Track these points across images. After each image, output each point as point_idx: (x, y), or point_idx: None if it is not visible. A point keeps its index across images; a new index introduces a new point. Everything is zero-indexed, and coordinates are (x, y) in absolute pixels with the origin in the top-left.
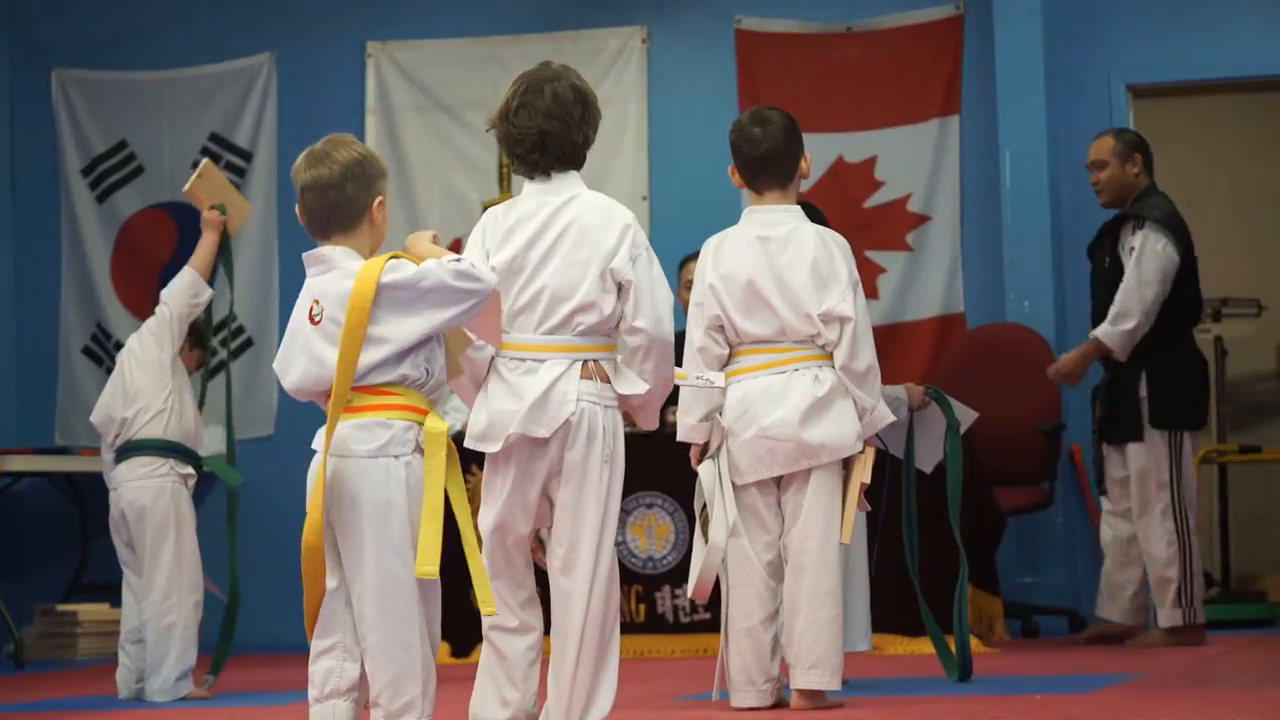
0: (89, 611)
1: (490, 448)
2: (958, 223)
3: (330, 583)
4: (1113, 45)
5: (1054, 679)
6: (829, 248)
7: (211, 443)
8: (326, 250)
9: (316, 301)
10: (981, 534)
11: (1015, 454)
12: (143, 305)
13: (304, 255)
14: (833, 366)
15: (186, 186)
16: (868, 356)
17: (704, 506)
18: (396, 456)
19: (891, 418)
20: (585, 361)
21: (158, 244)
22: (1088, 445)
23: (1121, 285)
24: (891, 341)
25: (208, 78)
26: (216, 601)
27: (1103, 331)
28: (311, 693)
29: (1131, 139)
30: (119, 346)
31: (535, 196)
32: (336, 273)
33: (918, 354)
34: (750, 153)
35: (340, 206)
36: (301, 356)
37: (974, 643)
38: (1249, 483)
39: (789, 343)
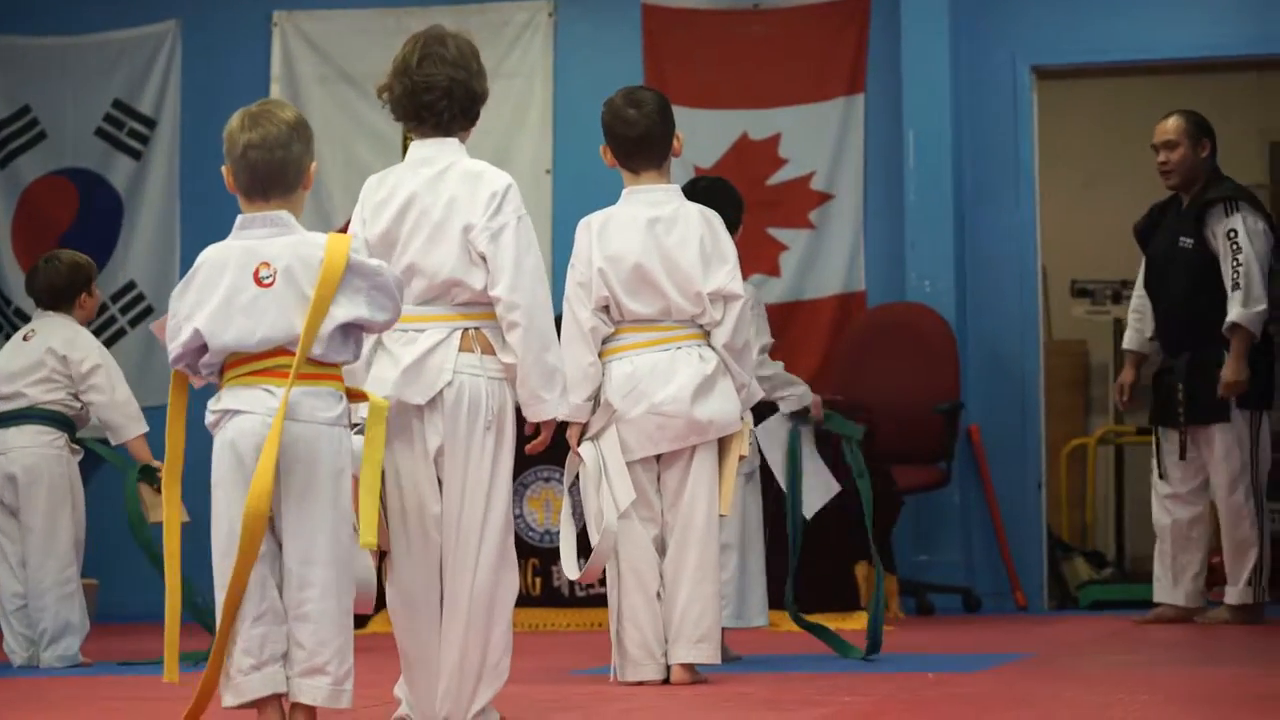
0: None
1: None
2: (860, 201)
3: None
4: (1017, 27)
5: (947, 657)
6: (713, 227)
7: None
8: (282, 213)
9: (266, 264)
10: (878, 512)
11: (913, 433)
12: None
13: (244, 216)
14: (710, 345)
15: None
16: (745, 333)
17: (572, 485)
18: (344, 427)
19: (760, 395)
20: (465, 330)
21: (59, 210)
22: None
23: (1238, 268)
24: (792, 319)
25: (113, 44)
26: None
27: (1242, 317)
28: (246, 661)
29: (1200, 120)
30: (18, 313)
31: (412, 168)
32: (295, 238)
33: (818, 332)
34: (626, 134)
35: (286, 166)
36: (241, 317)
37: (864, 619)
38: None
39: (671, 321)
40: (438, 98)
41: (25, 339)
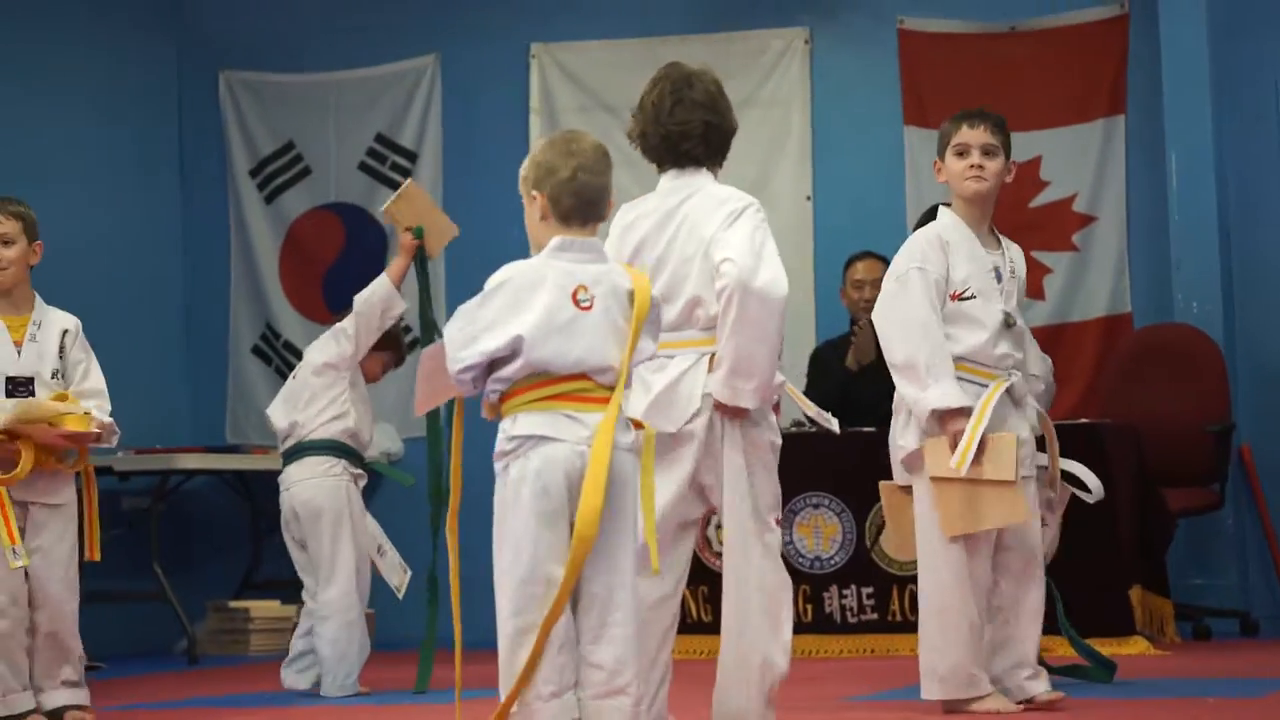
0: (260, 608)
1: None
2: (1124, 222)
3: (560, 572)
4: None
5: (1225, 682)
6: None
7: (380, 440)
8: (596, 240)
9: (584, 287)
10: (1151, 535)
11: (1184, 455)
12: (311, 305)
13: (562, 239)
14: None
15: (386, 205)
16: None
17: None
18: (636, 453)
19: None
20: (713, 355)
21: (325, 245)
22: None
23: None
24: (1058, 342)
25: (373, 79)
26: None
27: None
28: (548, 688)
29: None
30: (288, 346)
31: (660, 197)
32: (607, 266)
33: (1084, 355)
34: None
35: (604, 191)
36: (558, 337)
37: (1144, 645)
38: None
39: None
40: (694, 145)
41: (294, 377)
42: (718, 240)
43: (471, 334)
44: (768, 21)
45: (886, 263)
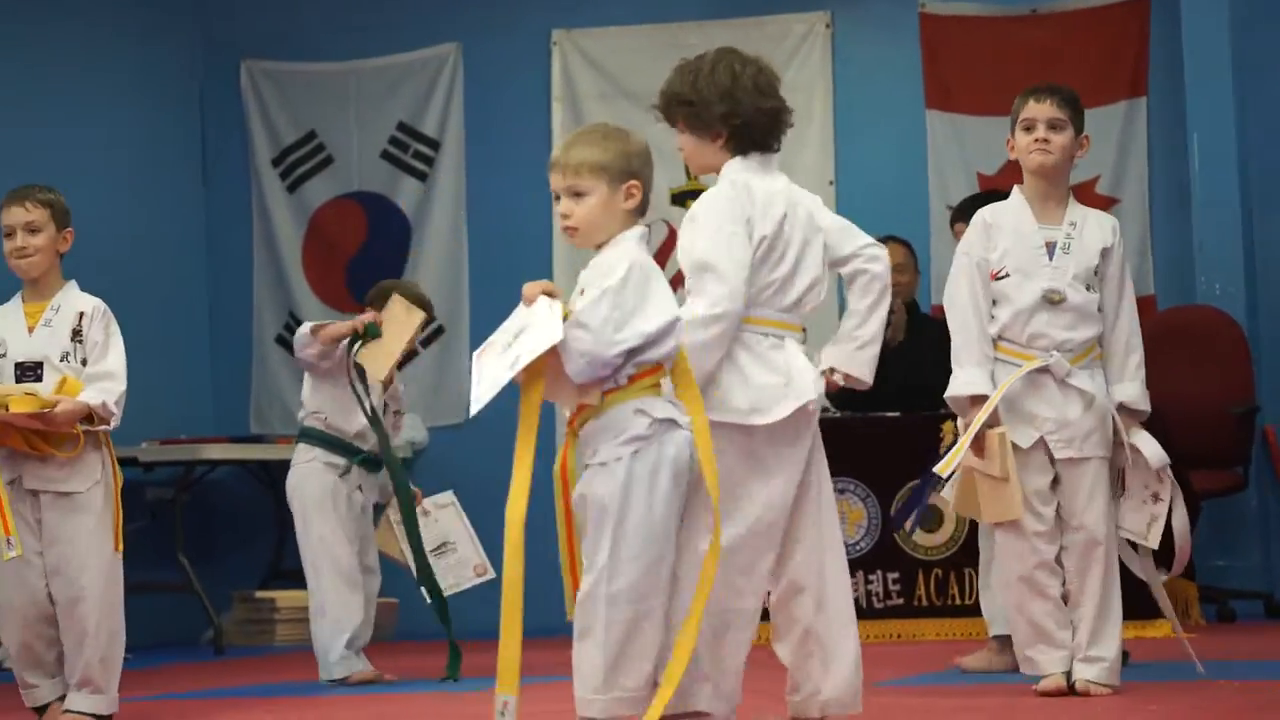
0: (286, 598)
1: (764, 419)
2: (1146, 205)
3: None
4: None
5: (1250, 664)
6: None
7: (405, 430)
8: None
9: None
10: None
11: (1208, 437)
12: (334, 294)
13: (645, 231)
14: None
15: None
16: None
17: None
18: None
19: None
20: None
21: (347, 233)
22: None
23: None
24: None
25: (395, 68)
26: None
27: None
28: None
29: None
30: None
31: (760, 177)
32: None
33: None
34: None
35: None
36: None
37: (1169, 627)
38: None
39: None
40: (787, 126)
41: None
42: (835, 228)
43: (625, 316)
44: (789, 6)
45: (908, 247)
